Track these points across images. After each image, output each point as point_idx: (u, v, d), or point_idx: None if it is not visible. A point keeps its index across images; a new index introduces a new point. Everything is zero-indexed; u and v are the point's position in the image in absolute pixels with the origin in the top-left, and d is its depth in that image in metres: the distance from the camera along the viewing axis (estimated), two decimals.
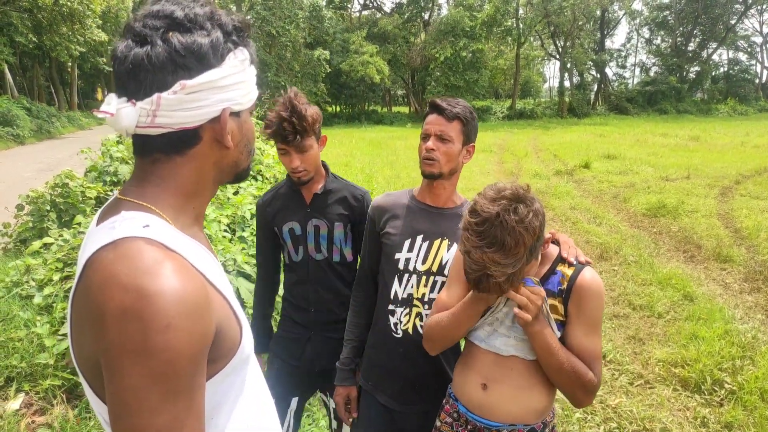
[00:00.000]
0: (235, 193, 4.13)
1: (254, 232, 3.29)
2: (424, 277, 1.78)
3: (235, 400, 0.91)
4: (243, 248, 3.51)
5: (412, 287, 1.79)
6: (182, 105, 0.82)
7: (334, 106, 41.01)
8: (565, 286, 1.44)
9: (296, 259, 2.12)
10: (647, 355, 4.02)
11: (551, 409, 1.56)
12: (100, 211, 0.93)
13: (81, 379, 0.82)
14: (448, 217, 1.80)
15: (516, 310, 1.37)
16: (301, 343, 2.15)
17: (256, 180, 4.95)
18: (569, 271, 1.45)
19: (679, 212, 8.25)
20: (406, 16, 40.11)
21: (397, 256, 1.81)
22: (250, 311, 3.31)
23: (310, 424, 2.94)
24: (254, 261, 3.50)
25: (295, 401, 2.18)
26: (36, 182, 8.62)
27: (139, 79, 0.80)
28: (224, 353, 0.84)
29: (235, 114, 0.91)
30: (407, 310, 1.81)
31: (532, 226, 1.27)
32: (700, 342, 4.08)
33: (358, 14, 45.97)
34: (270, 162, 5.38)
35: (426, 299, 1.78)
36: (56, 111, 25.53)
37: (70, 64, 31.20)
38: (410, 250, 1.80)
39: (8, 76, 24.20)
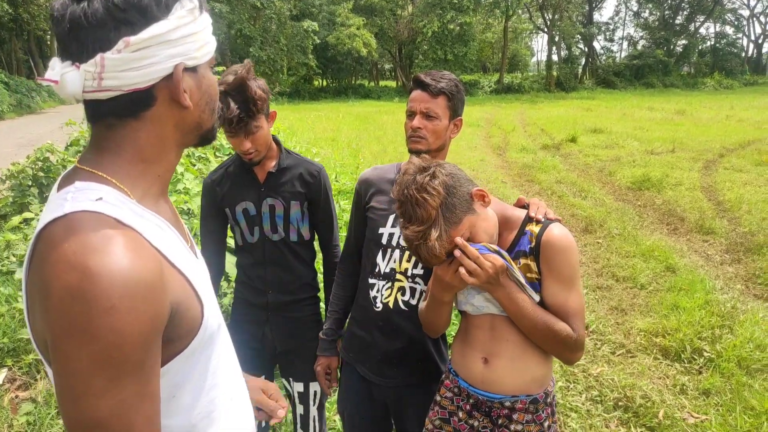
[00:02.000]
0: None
1: None
2: (407, 252, 1.77)
3: (202, 378, 0.88)
4: None
5: (394, 262, 1.79)
6: (129, 64, 0.75)
7: (321, 80, 40.52)
8: (534, 243, 1.45)
9: (251, 240, 2.03)
10: (629, 325, 4.09)
11: (551, 378, 1.58)
12: (60, 177, 0.88)
13: (40, 355, 0.79)
14: None
15: (461, 271, 1.36)
16: (260, 325, 2.09)
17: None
18: (537, 228, 1.46)
19: (663, 185, 8.33)
20: None
21: (381, 230, 1.81)
22: (233, 285, 3.31)
23: None
24: None
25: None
26: (16, 158, 8.44)
27: (80, 40, 0.73)
28: (184, 333, 0.81)
29: (191, 69, 0.83)
30: (389, 284, 1.81)
31: (432, 188, 1.30)
32: (681, 312, 4.15)
33: None
34: None
35: (409, 273, 1.78)
36: (36, 85, 24.94)
37: (49, 36, 30.41)
38: (394, 225, 1.79)
39: None
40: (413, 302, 1.79)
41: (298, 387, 2.14)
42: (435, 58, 34.79)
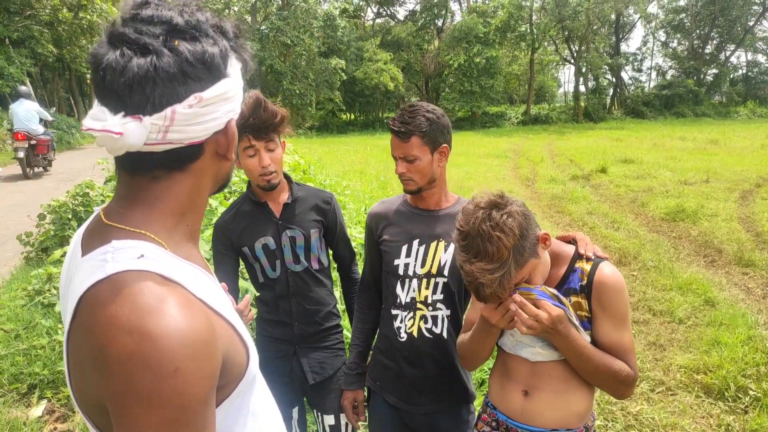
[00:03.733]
0: None
1: None
2: (424, 280, 1.79)
3: (245, 421, 0.88)
4: None
5: (414, 291, 1.82)
6: (196, 119, 0.76)
7: (348, 114, 41.15)
8: (585, 281, 1.45)
9: (273, 275, 2.03)
10: (668, 361, 3.96)
11: (592, 413, 1.56)
12: (81, 233, 0.87)
13: (83, 416, 0.78)
14: (442, 219, 1.82)
15: (517, 324, 1.36)
16: (288, 359, 2.08)
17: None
18: (587, 266, 1.46)
19: (698, 216, 8.13)
20: (419, 24, 40.23)
21: (396, 262, 1.84)
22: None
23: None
24: None
25: (296, 411, 2.15)
26: (57, 192, 8.77)
27: (145, 93, 0.73)
28: (232, 379, 0.81)
29: None
30: (411, 314, 1.83)
31: (508, 228, 1.29)
32: (722, 348, 4.00)
33: (371, 22, 46.22)
34: (286, 170, 5.42)
35: (429, 301, 1.80)
36: (76, 122, 25.96)
37: (89, 75, 31.77)
38: (408, 255, 1.82)
39: (29, 88, 24.71)
40: (437, 330, 1.81)
41: (329, 420, 2.12)
42: (461, 90, 35.09)
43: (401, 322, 1.84)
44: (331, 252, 2.27)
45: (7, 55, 20.13)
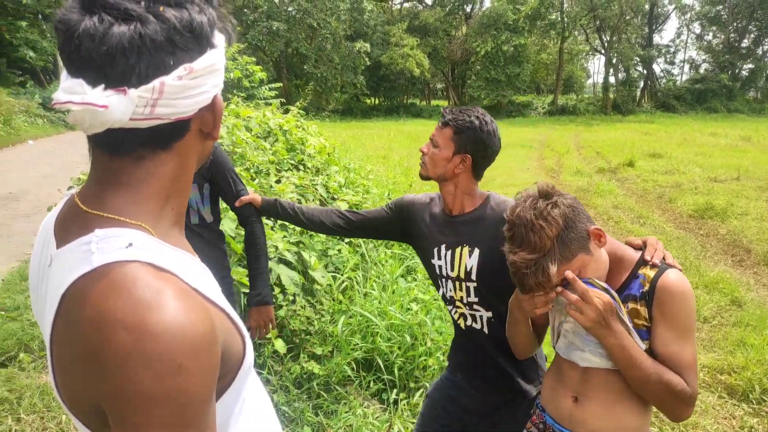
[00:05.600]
0: (278, 182, 4.18)
1: None
2: (456, 282, 1.81)
3: (240, 410, 0.84)
4: (284, 236, 3.55)
5: (451, 290, 1.84)
6: (185, 92, 0.70)
7: (373, 99, 41.03)
8: (647, 288, 1.34)
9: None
10: None
11: (647, 430, 1.46)
12: (52, 221, 0.80)
13: (71, 416, 0.72)
14: (464, 223, 1.80)
15: (569, 310, 1.31)
16: None
17: (298, 170, 4.98)
18: (651, 273, 1.35)
19: (727, 214, 7.95)
20: (447, 9, 39.83)
21: (432, 261, 1.87)
22: (290, 297, 3.36)
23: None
24: (295, 248, 3.54)
25: None
26: (84, 166, 8.92)
27: (129, 63, 0.66)
28: (229, 369, 0.77)
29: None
30: (454, 309, 1.87)
31: (551, 217, 1.25)
32: (748, 349, 3.92)
33: (399, 7, 45.86)
34: (311, 152, 5.42)
35: (465, 302, 1.81)
36: None
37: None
38: (439, 257, 1.84)
39: (60, 62, 25.03)
40: (476, 326, 1.82)
41: None
42: (488, 77, 34.72)
43: (452, 314, 1.91)
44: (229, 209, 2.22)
45: (40, 29, 20.43)
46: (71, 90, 0.67)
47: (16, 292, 4.58)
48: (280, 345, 2.98)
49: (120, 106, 0.66)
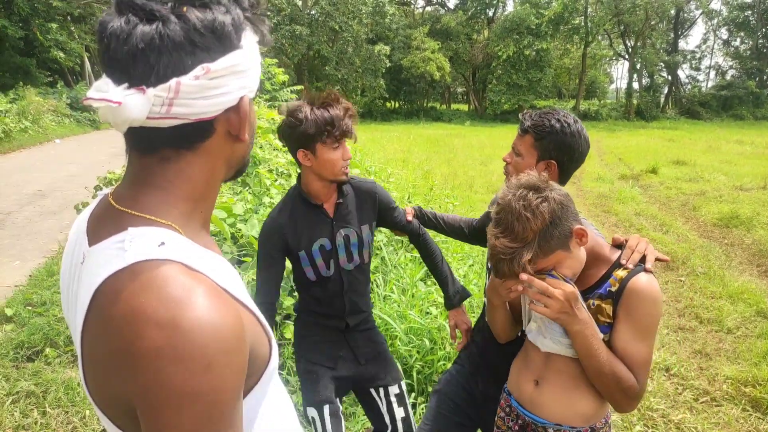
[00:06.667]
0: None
1: None
2: None
3: (264, 412, 0.85)
4: None
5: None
6: (203, 92, 0.70)
7: (393, 102, 41.05)
8: (615, 288, 1.41)
9: (327, 274, 2.02)
10: (714, 371, 3.83)
11: (603, 417, 1.54)
12: (85, 219, 0.82)
13: (99, 413, 0.73)
14: None
15: (534, 307, 1.37)
16: (336, 346, 2.12)
17: None
18: (623, 273, 1.41)
19: (753, 224, 7.79)
20: (470, 13, 39.65)
21: None
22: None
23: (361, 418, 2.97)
24: None
25: (329, 407, 2.00)
26: (109, 165, 9.09)
27: (149, 63, 0.67)
28: (255, 370, 0.77)
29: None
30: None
31: (539, 212, 1.28)
32: None
33: (421, 10, 45.84)
34: None
35: None
36: None
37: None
38: None
39: (87, 64, 25.53)
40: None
41: (395, 390, 2.15)
42: (509, 82, 34.49)
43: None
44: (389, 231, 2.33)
45: (68, 31, 20.86)
46: (98, 88, 0.70)
47: (43, 287, 4.69)
48: None
49: (137, 104, 0.68)
